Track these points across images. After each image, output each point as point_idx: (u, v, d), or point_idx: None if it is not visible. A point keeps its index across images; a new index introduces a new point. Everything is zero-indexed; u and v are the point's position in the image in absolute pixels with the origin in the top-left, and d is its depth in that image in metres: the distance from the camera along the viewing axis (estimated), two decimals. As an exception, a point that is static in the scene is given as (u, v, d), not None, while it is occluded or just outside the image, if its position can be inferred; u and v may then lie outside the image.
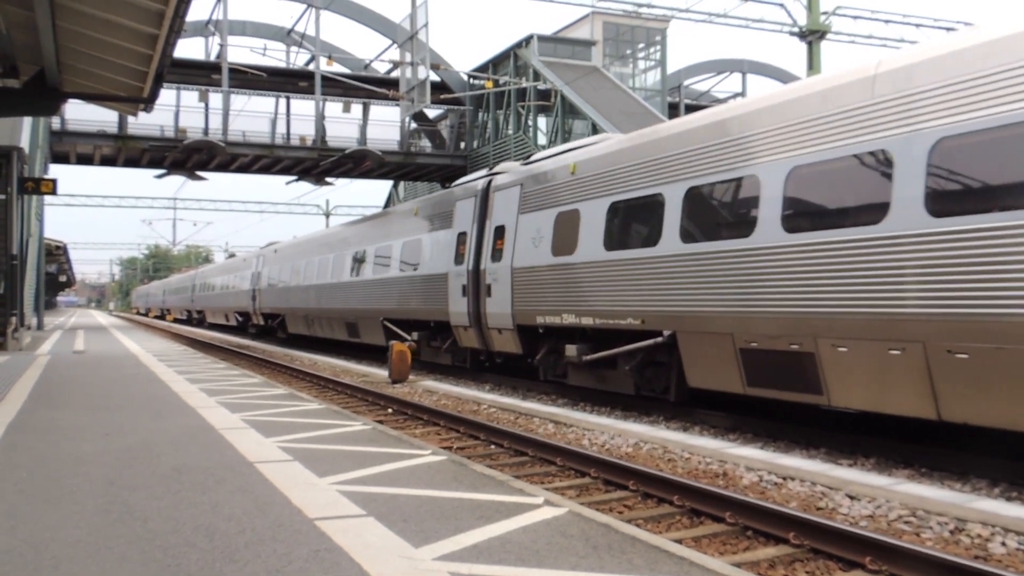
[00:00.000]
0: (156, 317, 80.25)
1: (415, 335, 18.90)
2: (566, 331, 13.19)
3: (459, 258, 16.27)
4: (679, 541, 5.59)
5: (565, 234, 12.87)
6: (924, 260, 7.45)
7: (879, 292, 7.85)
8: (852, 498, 6.88)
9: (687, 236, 10.35)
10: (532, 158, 15.57)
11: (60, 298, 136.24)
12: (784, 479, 7.60)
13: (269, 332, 34.67)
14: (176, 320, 67.91)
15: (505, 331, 14.59)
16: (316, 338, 28.46)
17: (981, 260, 7.01)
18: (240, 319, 38.95)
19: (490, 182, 15.90)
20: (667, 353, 11.09)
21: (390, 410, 12.94)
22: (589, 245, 12.23)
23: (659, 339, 10.87)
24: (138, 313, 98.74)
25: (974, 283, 7.05)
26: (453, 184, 18.37)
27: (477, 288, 15.44)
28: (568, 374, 13.57)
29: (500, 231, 14.97)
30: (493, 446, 9.80)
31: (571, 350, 12.72)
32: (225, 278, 43.27)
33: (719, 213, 10.07)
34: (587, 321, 12.26)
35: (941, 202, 7.38)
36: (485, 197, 15.83)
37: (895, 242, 7.71)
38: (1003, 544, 5.68)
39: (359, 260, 22.57)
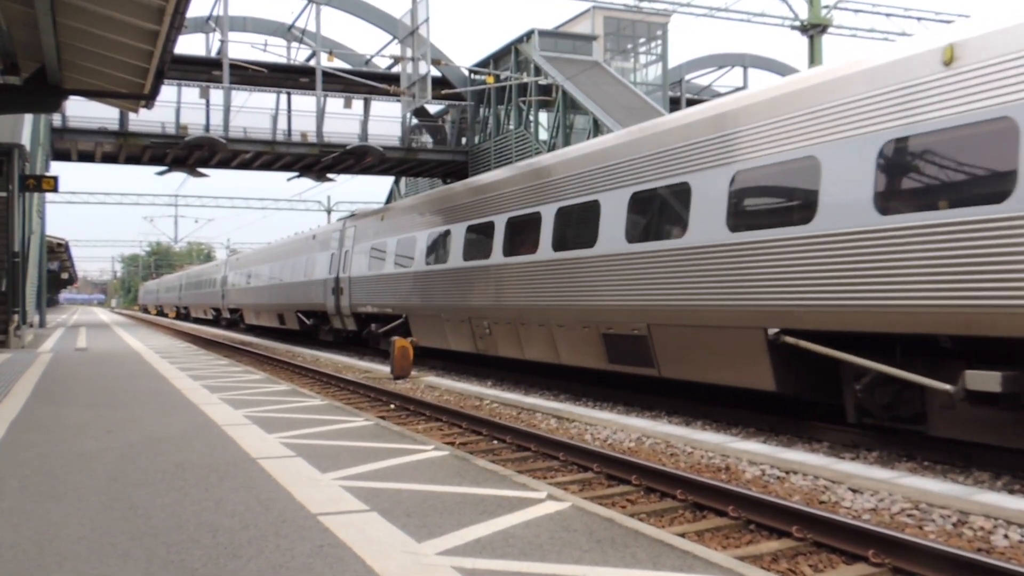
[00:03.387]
0: (157, 314, 79.84)
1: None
2: None
3: None
4: (682, 535, 5.59)
5: None
6: None
7: None
8: (855, 491, 6.89)
9: None
10: None
11: (65, 295, 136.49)
12: (787, 473, 7.61)
13: (362, 343, 23.37)
14: (177, 317, 66.68)
15: None
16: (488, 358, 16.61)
17: None
18: (308, 321, 27.69)
19: None
20: None
21: (392, 406, 12.95)
22: None
23: None
24: (144, 311, 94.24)
25: None
26: None
27: None
28: None
29: None
30: (496, 441, 9.82)
31: None
32: (278, 266, 31.56)
33: None
34: None
35: None
36: None
37: None
38: (1006, 536, 5.68)
39: (710, 204, 10.09)
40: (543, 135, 35.84)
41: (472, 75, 38.92)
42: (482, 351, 15.77)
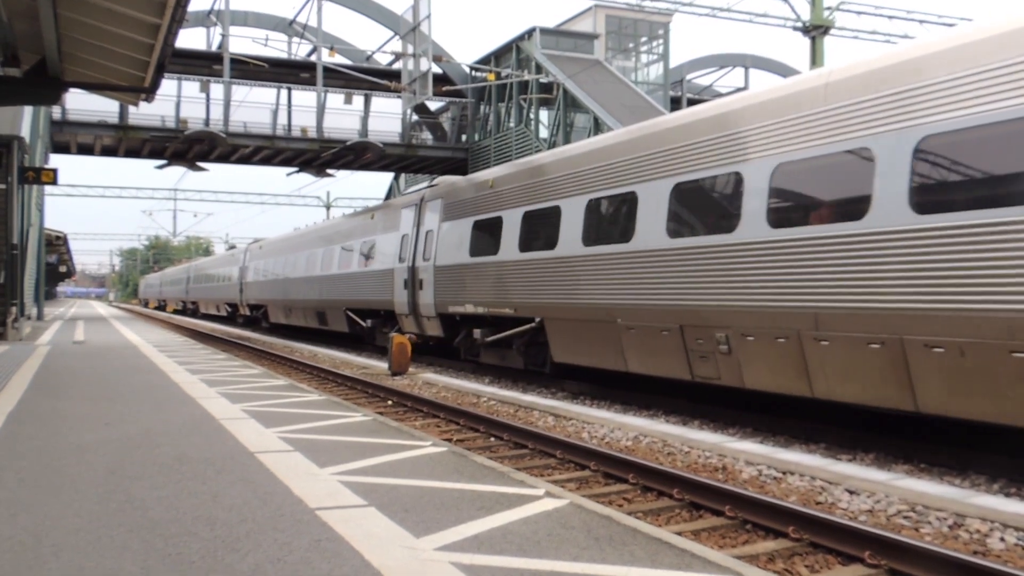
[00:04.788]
0: (156, 309, 79.53)
1: None
2: None
3: None
4: (679, 534, 5.59)
5: None
6: None
7: None
8: (852, 493, 6.90)
9: None
10: None
11: (70, 289, 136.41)
12: (784, 473, 7.61)
13: (451, 353, 18.02)
14: (180, 313, 66.15)
15: None
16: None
17: None
18: (364, 323, 21.86)
19: None
20: None
21: (390, 402, 12.95)
22: None
23: None
24: (144, 306, 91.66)
25: None
26: None
27: None
28: None
29: None
30: (493, 438, 9.82)
31: None
32: (320, 253, 25.79)
33: None
34: None
35: None
36: None
37: None
38: (1002, 540, 5.69)
39: None
40: (543, 133, 35.83)
41: (473, 72, 38.91)
42: (704, 379, 10.22)
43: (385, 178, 53.95)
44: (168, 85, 33.14)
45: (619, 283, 11.43)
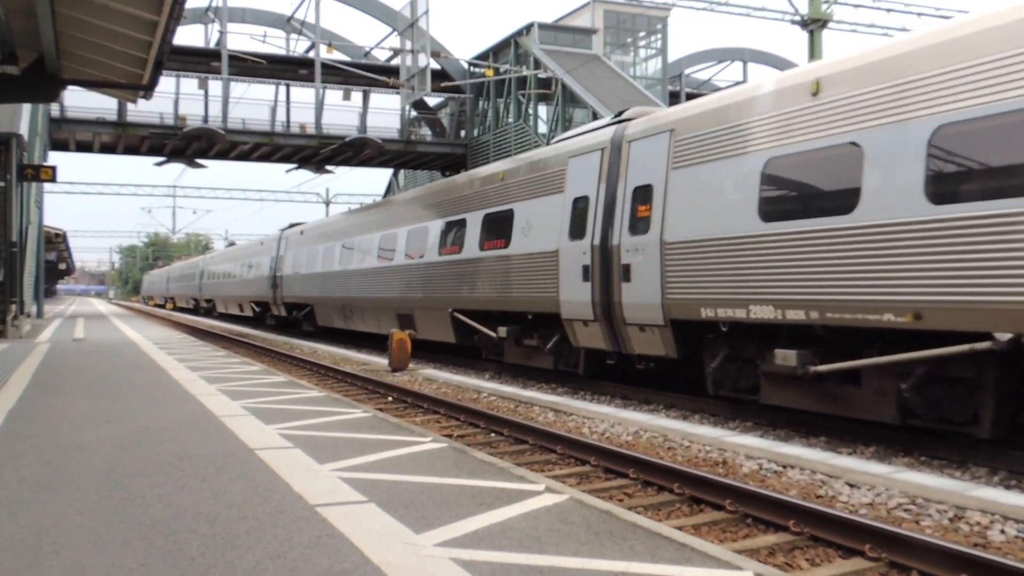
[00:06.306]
0: (156, 305, 79.23)
1: None
2: None
3: None
4: (679, 528, 5.59)
5: None
6: None
7: None
8: (852, 486, 6.90)
9: None
10: None
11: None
12: (784, 467, 7.62)
13: (694, 388, 12.00)
14: (192, 312, 65.60)
15: None
16: None
17: None
18: (494, 334, 15.26)
19: None
20: None
21: (390, 398, 12.96)
22: None
23: None
24: (146, 303, 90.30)
25: None
26: None
27: None
28: None
29: None
30: (493, 434, 9.82)
31: None
32: (404, 234, 19.42)
33: None
34: None
35: None
36: None
37: None
38: (1002, 532, 5.69)
39: None
40: (542, 128, 35.80)
41: (471, 68, 38.85)
42: None
43: (384, 174, 53.98)
44: (166, 82, 33.11)
45: None
